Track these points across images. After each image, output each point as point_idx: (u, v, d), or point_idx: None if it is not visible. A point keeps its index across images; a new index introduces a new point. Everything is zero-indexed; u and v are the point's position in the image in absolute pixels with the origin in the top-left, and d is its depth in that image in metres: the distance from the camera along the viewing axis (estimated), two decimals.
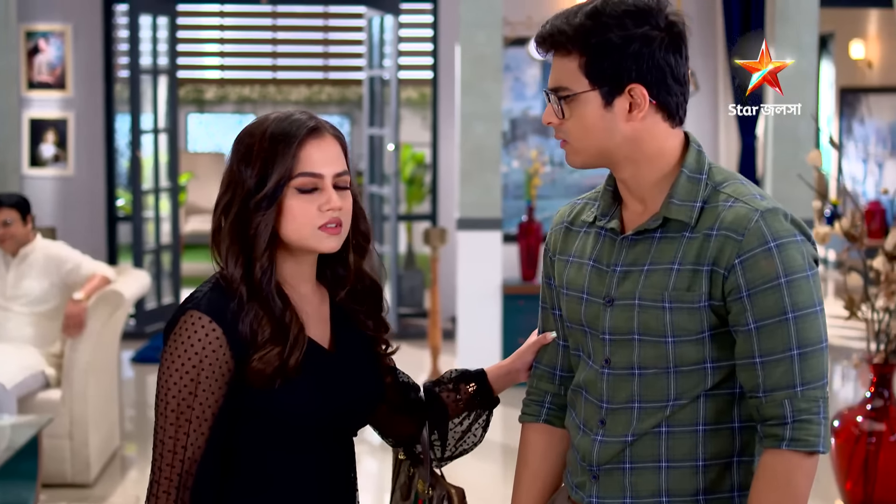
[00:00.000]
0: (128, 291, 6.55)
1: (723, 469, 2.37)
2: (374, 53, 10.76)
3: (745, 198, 2.32)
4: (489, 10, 8.34)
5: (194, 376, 2.31)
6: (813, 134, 8.69)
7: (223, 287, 2.37)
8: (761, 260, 2.26)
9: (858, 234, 5.60)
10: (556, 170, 10.36)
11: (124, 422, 7.66)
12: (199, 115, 17.96)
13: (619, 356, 2.39)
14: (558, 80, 2.36)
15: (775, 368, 2.27)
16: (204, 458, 2.33)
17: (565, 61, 2.34)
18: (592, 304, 2.42)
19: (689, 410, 2.35)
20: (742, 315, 2.28)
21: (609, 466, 2.41)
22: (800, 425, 2.26)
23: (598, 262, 2.44)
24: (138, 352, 9.69)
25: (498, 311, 8.47)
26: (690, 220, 2.33)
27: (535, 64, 10.32)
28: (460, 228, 8.43)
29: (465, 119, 8.39)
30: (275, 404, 2.35)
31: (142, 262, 10.39)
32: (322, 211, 2.37)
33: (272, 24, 16.13)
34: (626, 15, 2.29)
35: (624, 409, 2.39)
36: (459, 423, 2.71)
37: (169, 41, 10.70)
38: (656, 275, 2.34)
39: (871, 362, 5.62)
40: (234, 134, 2.46)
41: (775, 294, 2.26)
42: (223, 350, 2.31)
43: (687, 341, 2.32)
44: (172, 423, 2.32)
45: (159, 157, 10.75)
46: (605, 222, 2.45)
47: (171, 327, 2.35)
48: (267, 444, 2.39)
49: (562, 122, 2.37)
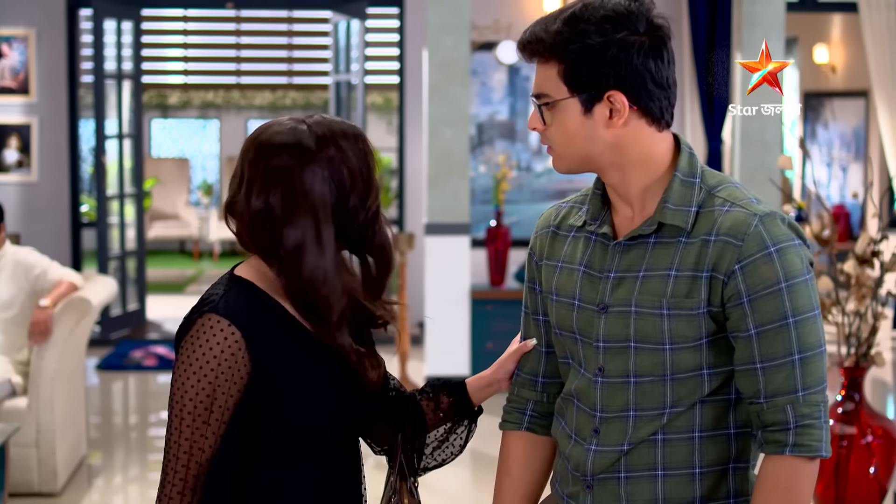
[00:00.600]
0: (95, 298, 6.49)
1: (719, 476, 2.35)
2: (341, 58, 10.73)
3: (741, 202, 2.30)
4: (456, 15, 8.31)
5: (212, 380, 2.27)
6: (780, 138, 8.71)
7: (240, 289, 2.35)
8: (762, 265, 2.24)
9: (829, 237, 5.60)
10: (524, 174, 10.34)
11: (90, 429, 7.59)
12: (162, 121, 17.86)
13: (614, 364, 2.35)
14: (539, 86, 2.34)
15: (777, 374, 2.25)
16: (218, 461, 2.29)
17: (545, 68, 2.32)
18: (585, 310, 2.39)
19: (686, 418, 2.33)
20: (742, 321, 2.25)
21: (604, 476, 2.38)
22: (802, 430, 2.25)
23: (590, 268, 2.41)
24: (103, 359, 9.62)
25: (466, 317, 8.45)
26: (686, 225, 2.30)
27: (502, 68, 10.30)
28: (428, 234, 8.40)
29: (433, 124, 8.37)
30: (289, 411, 2.33)
31: (106, 269, 10.33)
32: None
33: (236, 28, 16.09)
34: (605, 20, 2.26)
35: (619, 417, 2.36)
36: (437, 433, 2.69)
37: (133, 46, 10.64)
38: (653, 281, 2.31)
39: (842, 366, 5.62)
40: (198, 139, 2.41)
41: (776, 299, 2.23)
42: (242, 353, 2.28)
43: (684, 348, 2.30)
44: (189, 426, 2.28)
45: (124, 162, 10.69)
46: (596, 227, 2.42)
47: (186, 330, 2.31)
48: (278, 450, 2.36)
49: (545, 129, 2.36)
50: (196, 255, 16.51)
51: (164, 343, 10.18)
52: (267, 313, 2.33)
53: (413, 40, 10.63)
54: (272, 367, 2.31)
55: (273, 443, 2.34)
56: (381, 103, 16.63)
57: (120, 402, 8.98)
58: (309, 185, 2.30)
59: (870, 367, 5.63)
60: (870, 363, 5.62)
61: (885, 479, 5.67)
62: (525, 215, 10.18)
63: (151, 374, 9.34)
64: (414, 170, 10.86)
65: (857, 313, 5.59)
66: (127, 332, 10.68)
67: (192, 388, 2.27)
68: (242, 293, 2.34)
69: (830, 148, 13.28)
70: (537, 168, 10.40)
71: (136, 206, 10.97)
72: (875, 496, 5.65)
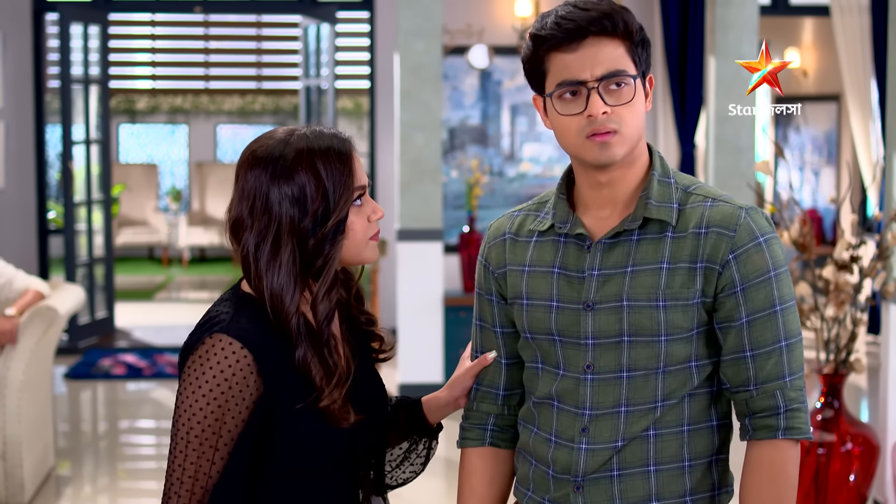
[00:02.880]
0: (62, 307, 6.38)
1: (706, 468, 2.40)
2: (311, 62, 10.66)
3: (722, 198, 2.39)
4: (428, 19, 8.26)
5: (222, 403, 2.23)
6: (752, 142, 8.68)
7: (252, 308, 2.30)
8: (754, 254, 2.32)
9: (807, 242, 5.56)
10: (496, 179, 10.29)
11: (57, 439, 7.50)
12: (130, 126, 17.74)
13: (605, 360, 2.37)
14: (612, 64, 2.31)
15: (767, 361, 2.33)
16: (224, 483, 2.25)
17: (614, 46, 2.32)
18: (566, 310, 2.39)
19: (676, 411, 2.37)
20: (735, 310, 2.33)
21: (596, 475, 2.37)
22: (792, 414, 2.33)
23: (566, 269, 2.41)
24: (71, 368, 9.50)
25: (439, 323, 8.40)
26: (671, 220, 2.35)
27: (474, 73, 10.25)
28: (400, 240, 8.35)
29: (404, 129, 8.32)
30: (302, 432, 2.29)
31: (74, 276, 10.22)
32: (371, 221, 2.38)
33: (205, 33, 16.01)
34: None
35: (610, 414, 2.36)
36: (398, 450, 2.66)
37: (100, 51, 10.55)
38: (643, 275, 2.34)
39: (821, 372, 5.58)
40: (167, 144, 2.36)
41: (766, 287, 2.32)
42: (253, 377, 2.24)
43: (678, 339, 2.34)
44: (195, 450, 2.24)
45: (91, 168, 10.59)
46: (568, 229, 2.41)
47: (193, 348, 2.27)
48: (287, 470, 2.32)
49: (613, 111, 2.32)
50: (165, 262, 16.40)
51: (133, 351, 10.08)
52: (277, 332, 2.30)
53: (384, 44, 10.57)
54: (282, 389, 2.28)
55: (279, 463, 2.31)
56: (352, 108, 16.56)
57: (89, 412, 8.88)
58: (273, 203, 2.29)
59: (849, 373, 5.59)
60: (849, 370, 5.58)
61: (865, 487, 5.63)
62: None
63: (120, 383, 9.24)
64: (385, 175, 10.80)
65: (836, 319, 5.55)
66: (95, 340, 10.57)
67: (200, 412, 2.23)
68: (254, 312, 2.30)
69: (802, 152, 13.27)
70: (510, 173, 10.36)
71: (104, 212, 10.87)
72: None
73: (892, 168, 5.70)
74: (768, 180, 11.90)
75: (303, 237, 2.29)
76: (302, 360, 2.28)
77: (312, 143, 2.31)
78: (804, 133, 13.21)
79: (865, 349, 9.93)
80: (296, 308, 2.29)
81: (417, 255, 8.37)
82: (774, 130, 13.48)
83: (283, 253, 2.28)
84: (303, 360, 2.28)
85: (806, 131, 13.18)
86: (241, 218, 2.32)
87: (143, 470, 7.29)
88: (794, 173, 13.31)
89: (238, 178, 2.34)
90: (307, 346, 2.29)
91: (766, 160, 5.61)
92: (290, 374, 2.28)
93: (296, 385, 2.28)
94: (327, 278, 2.32)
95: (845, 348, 5.55)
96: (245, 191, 2.31)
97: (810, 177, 13.16)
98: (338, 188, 2.30)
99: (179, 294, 14.28)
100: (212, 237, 16.07)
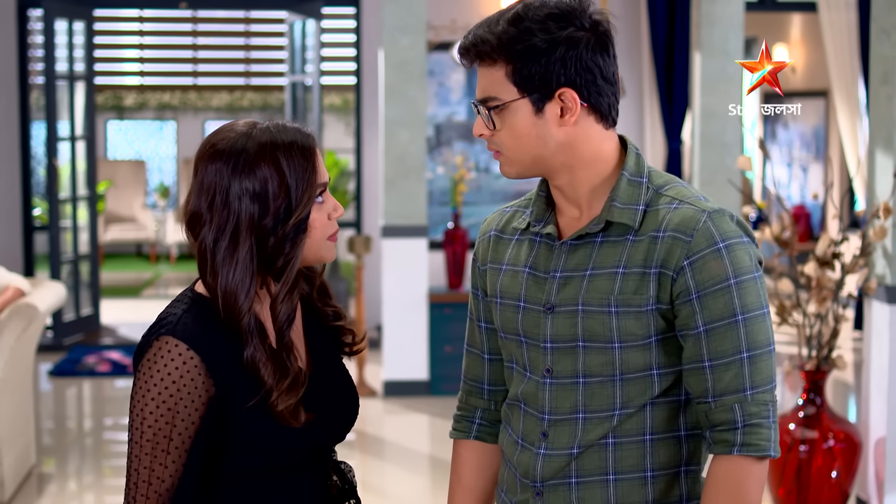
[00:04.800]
0: (42, 304, 6.36)
1: (671, 479, 2.33)
2: (297, 59, 10.63)
3: (689, 199, 2.29)
4: (413, 15, 8.24)
5: (171, 406, 2.20)
6: (739, 139, 8.67)
7: (200, 308, 2.26)
8: (710, 261, 2.22)
9: (789, 238, 5.55)
10: (482, 176, 10.27)
11: (42, 436, 7.48)
12: (118, 122, 17.70)
13: (562, 365, 2.32)
14: (486, 90, 2.29)
15: (725, 372, 2.23)
16: (181, 485, 2.23)
17: (492, 70, 2.27)
18: (530, 311, 2.36)
19: (636, 420, 2.30)
20: (691, 318, 2.24)
21: (554, 482, 2.34)
22: (750, 430, 2.23)
23: (535, 269, 2.37)
24: (56, 365, 9.47)
25: (424, 320, 8.38)
26: (634, 223, 2.28)
27: (460, 69, 10.21)
28: (385, 236, 8.33)
29: (389, 125, 8.30)
30: (255, 431, 2.25)
31: (59, 273, 10.19)
32: (331, 219, 2.33)
33: (192, 29, 15.97)
34: (549, 18, 2.24)
35: (567, 420, 2.32)
36: None
37: (85, 47, 10.50)
38: (600, 280, 2.28)
39: (803, 369, 5.57)
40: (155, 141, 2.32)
41: (725, 296, 2.22)
42: (202, 378, 2.21)
43: (633, 346, 2.27)
44: (148, 453, 2.21)
45: (77, 164, 10.56)
46: (540, 228, 2.38)
47: (143, 352, 2.23)
48: (248, 470, 2.29)
49: (493, 134, 2.31)
50: (153, 259, 16.37)
51: (118, 348, 10.05)
52: (228, 332, 2.25)
53: (369, 40, 10.55)
54: (232, 389, 2.24)
55: (238, 463, 2.28)
56: (340, 104, 16.54)
57: (73, 409, 8.86)
58: (233, 198, 2.24)
59: (831, 370, 5.58)
60: (831, 366, 5.57)
61: (848, 484, 5.63)
62: (483, 217, 10.07)
63: (105, 380, 9.22)
64: (371, 172, 10.79)
65: (818, 315, 5.54)
66: (80, 337, 10.54)
67: (150, 415, 2.21)
68: (202, 312, 2.26)
69: (790, 148, 13.28)
70: (495, 169, 10.32)
71: (90, 209, 10.84)
72: (837, 501, 5.60)
73: (875, 164, 5.69)
74: (756, 177, 11.89)
75: (263, 235, 2.25)
76: (251, 359, 2.23)
77: (276, 138, 2.26)
78: (792, 129, 13.21)
79: (852, 345, 9.92)
80: (249, 307, 2.24)
81: (402, 251, 8.35)
82: (763, 127, 13.48)
83: (240, 250, 2.23)
84: (251, 359, 2.23)
85: (794, 127, 13.18)
86: (199, 212, 2.27)
87: None
88: (782, 169, 13.31)
89: (197, 171, 2.29)
90: (257, 346, 2.24)
91: (748, 156, 5.59)
92: (239, 373, 2.24)
93: (245, 385, 2.24)
94: (289, 279, 2.27)
95: (827, 345, 5.54)
96: (204, 184, 2.26)
97: (798, 173, 13.16)
98: (300, 185, 2.25)
99: (167, 291, 14.25)
100: None
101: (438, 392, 8.47)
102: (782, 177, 13.32)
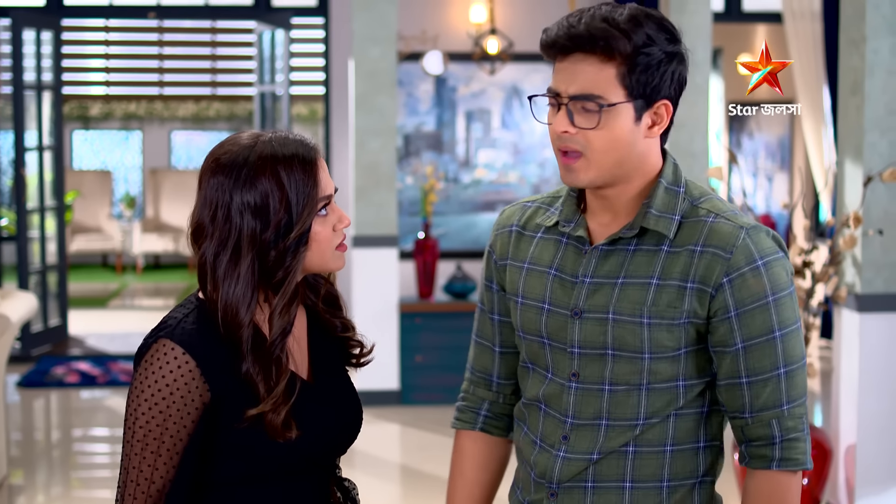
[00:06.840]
0: (14, 315, 6.34)
1: (687, 490, 2.33)
2: (265, 68, 10.63)
3: (725, 214, 2.28)
4: (383, 25, 8.26)
5: (164, 408, 2.20)
6: (706, 148, 8.71)
7: (203, 314, 2.26)
8: (750, 279, 2.22)
9: None
10: (451, 186, 10.29)
11: (10, 448, 7.44)
12: (84, 132, 17.63)
13: (590, 370, 2.31)
14: (588, 86, 2.22)
15: (763, 388, 2.24)
16: (173, 490, 2.23)
17: (602, 67, 2.22)
18: (556, 315, 2.34)
19: (659, 430, 2.30)
20: (729, 335, 2.24)
21: (570, 484, 2.33)
22: (788, 444, 2.26)
23: (562, 272, 2.35)
24: (24, 376, 9.42)
25: (395, 330, 8.39)
26: (669, 234, 2.27)
27: (429, 79, 10.24)
28: (356, 246, 8.33)
29: (359, 135, 8.31)
30: (250, 440, 2.25)
31: (27, 283, 10.15)
32: (336, 231, 2.33)
33: (159, 39, 15.94)
34: (662, 29, 2.23)
35: (590, 425, 2.31)
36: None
37: (53, 57, 10.48)
38: (632, 289, 2.27)
39: None
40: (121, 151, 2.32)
41: (764, 313, 2.23)
42: (196, 383, 2.21)
43: (663, 358, 2.27)
44: (138, 454, 2.22)
45: (44, 175, 10.52)
46: (571, 230, 2.36)
47: (142, 354, 2.24)
48: (240, 477, 2.29)
49: (580, 132, 2.25)
50: (119, 269, 16.30)
51: (86, 359, 10.01)
52: (227, 338, 2.25)
53: (339, 50, 10.55)
54: (231, 395, 2.24)
55: (232, 469, 2.28)
56: (307, 114, 16.52)
57: (42, 420, 8.81)
58: (234, 213, 2.24)
59: None
60: None
61: (818, 491, 5.66)
62: (453, 227, 10.12)
63: (74, 391, 9.18)
64: (341, 181, 10.78)
65: None
66: (48, 348, 10.49)
67: (142, 416, 2.22)
68: (204, 318, 2.26)
69: (756, 158, 13.35)
70: (465, 179, 10.35)
71: (57, 219, 10.80)
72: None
73: (844, 174, 5.74)
74: (722, 186, 11.96)
75: (264, 249, 2.25)
76: (248, 374, 2.24)
77: (277, 150, 2.26)
78: (757, 139, 13.29)
79: (818, 354, 9.99)
80: (249, 320, 2.24)
81: (372, 261, 8.36)
82: (728, 136, 13.55)
83: (242, 264, 2.24)
84: (248, 374, 2.24)
85: (759, 137, 13.26)
86: (202, 224, 2.27)
87: (97, 478, 7.23)
88: (747, 179, 13.38)
89: (201, 185, 2.29)
90: (255, 360, 2.24)
91: (720, 166, 5.63)
92: (235, 382, 2.24)
93: (240, 394, 2.24)
94: (286, 292, 2.27)
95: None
96: (207, 198, 2.26)
97: (764, 182, 13.23)
98: (301, 199, 2.25)
99: (133, 301, 14.19)
100: (166, 244, 15.98)
101: (409, 402, 8.48)
102: (748, 186, 13.40)
